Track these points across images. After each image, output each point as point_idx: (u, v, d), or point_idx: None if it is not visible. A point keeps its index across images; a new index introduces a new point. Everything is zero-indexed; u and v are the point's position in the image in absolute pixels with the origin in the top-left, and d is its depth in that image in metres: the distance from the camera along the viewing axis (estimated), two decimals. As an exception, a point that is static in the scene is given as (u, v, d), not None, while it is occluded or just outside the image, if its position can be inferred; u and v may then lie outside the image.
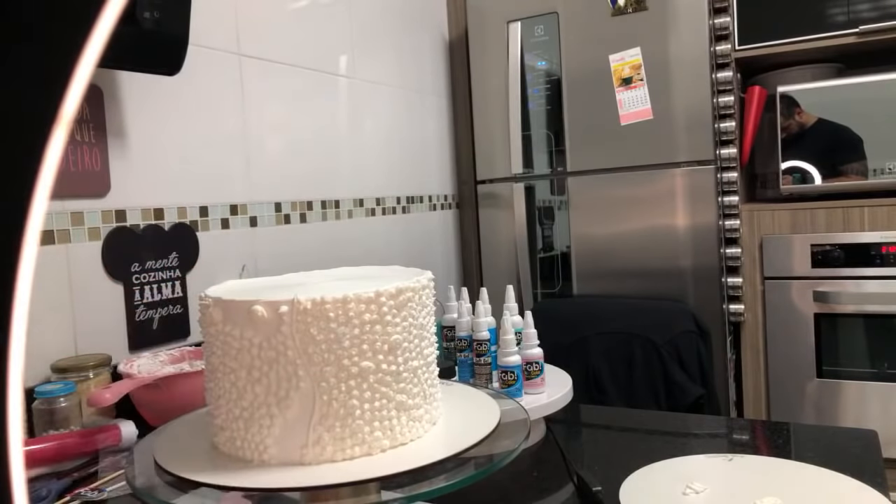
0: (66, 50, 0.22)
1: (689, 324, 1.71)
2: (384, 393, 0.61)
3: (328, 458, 0.60)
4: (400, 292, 0.62)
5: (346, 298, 0.59)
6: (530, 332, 1.03)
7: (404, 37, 2.05)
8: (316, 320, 0.58)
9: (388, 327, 0.61)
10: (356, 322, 0.59)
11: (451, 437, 0.65)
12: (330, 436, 0.59)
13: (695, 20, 1.81)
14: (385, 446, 0.62)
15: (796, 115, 1.86)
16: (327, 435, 0.59)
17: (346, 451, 0.60)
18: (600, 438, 1.11)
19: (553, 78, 2.01)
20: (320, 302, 0.58)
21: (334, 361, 0.59)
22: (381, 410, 0.61)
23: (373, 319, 0.60)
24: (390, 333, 0.61)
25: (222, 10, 1.42)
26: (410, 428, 0.64)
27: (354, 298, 0.59)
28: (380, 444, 0.61)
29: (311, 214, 1.65)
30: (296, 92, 1.62)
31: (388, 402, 0.62)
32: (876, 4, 1.79)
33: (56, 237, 1.10)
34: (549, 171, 2.04)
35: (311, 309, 0.58)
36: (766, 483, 0.80)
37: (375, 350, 0.60)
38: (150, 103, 1.26)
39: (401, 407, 0.62)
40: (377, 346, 0.60)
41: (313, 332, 0.58)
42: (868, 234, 1.76)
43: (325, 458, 0.60)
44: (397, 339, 0.62)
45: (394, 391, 0.62)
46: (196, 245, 1.33)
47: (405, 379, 0.63)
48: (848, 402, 1.81)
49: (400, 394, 0.62)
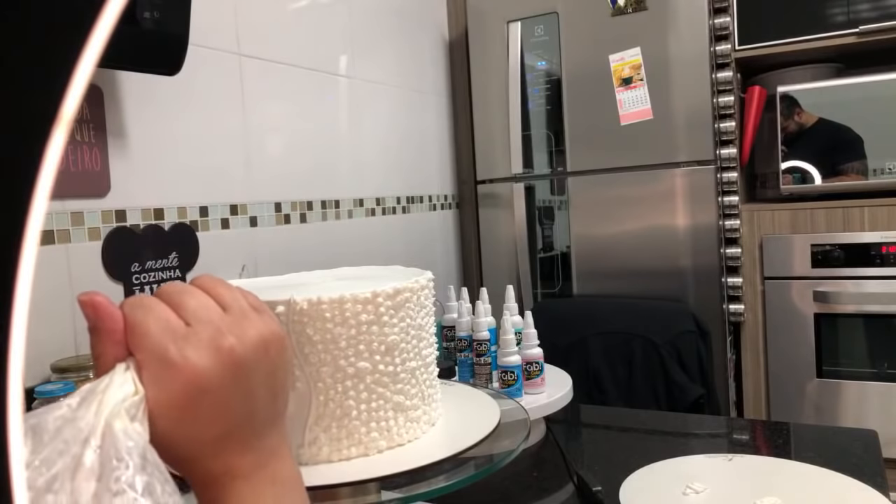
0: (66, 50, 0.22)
1: (689, 324, 1.71)
2: (381, 394, 0.61)
3: (324, 459, 0.59)
4: (397, 293, 0.62)
5: (343, 299, 0.58)
6: (530, 332, 1.03)
7: (404, 37, 2.05)
8: (312, 321, 0.58)
9: (386, 328, 0.61)
10: (353, 322, 0.59)
11: (450, 437, 0.65)
12: (326, 436, 0.59)
13: (695, 20, 1.81)
14: (382, 447, 0.61)
15: (796, 115, 1.86)
16: (324, 436, 0.59)
17: (342, 452, 0.60)
18: (600, 438, 1.11)
19: (553, 78, 2.01)
20: (317, 302, 0.58)
21: (331, 362, 0.58)
22: (378, 411, 0.61)
23: (369, 320, 0.60)
24: (387, 334, 0.61)
25: (222, 10, 1.42)
26: (408, 429, 0.63)
27: (351, 299, 0.58)
28: (377, 444, 0.61)
29: (311, 214, 1.65)
30: (296, 92, 1.62)
31: (386, 403, 0.61)
32: (876, 4, 1.79)
33: (56, 237, 1.10)
34: (549, 171, 2.04)
35: (307, 309, 0.57)
36: (766, 483, 0.80)
37: (372, 351, 0.60)
38: (150, 103, 1.26)
39: (398, 408, 0.62)
40: (374, 347, 0.60)
41: (309, 333, 0.58)
42: (868, 234, 1.76)
43: (321, 458, 0.59)
44: (394, 340, 0.61)
45: (391, 392, 0.61)
46: (196, 245, 1.33)
47: (403, 380, 0.62)
48: (848, 402, 1.81)
49: (397, 395, 0.62)
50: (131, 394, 0.33)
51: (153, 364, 0.35)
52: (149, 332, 0.35)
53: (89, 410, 0.32)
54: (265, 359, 0.38)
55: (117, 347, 0.35)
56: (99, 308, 0.35)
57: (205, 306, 0.37)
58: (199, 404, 0.35)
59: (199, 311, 0.37)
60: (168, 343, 0.35)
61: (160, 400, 0.34)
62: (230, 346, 0.36)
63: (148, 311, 0.36)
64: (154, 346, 0.35)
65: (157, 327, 0.35)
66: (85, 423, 0.31)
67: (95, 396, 0.32)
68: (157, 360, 0.35)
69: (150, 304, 0.37)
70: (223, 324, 0.37)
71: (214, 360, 0.36)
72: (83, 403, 0.32)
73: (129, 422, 0.32)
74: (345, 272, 0.76)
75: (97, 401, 0.32)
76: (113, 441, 0.31)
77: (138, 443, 0.31)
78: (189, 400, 0.35)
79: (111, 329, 0.35)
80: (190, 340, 0.36)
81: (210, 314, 0.37)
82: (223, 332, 0.37)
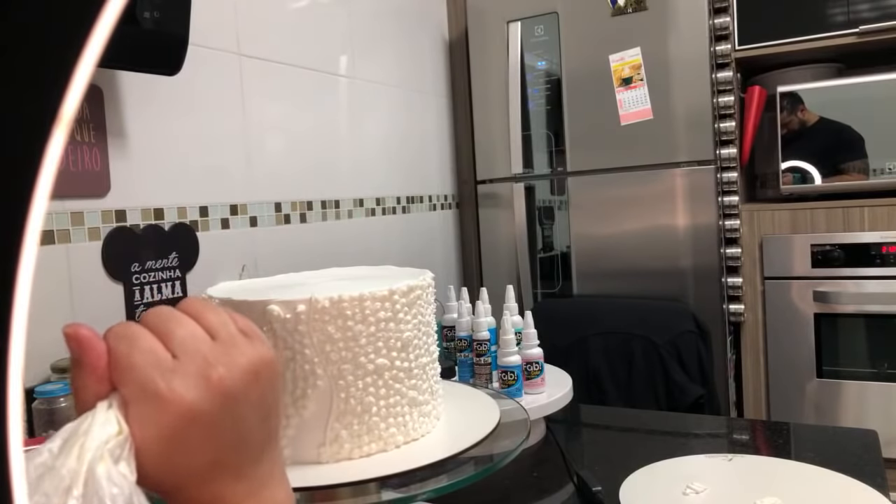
0: (66, 50, 0.22)
1: (689, 324, 1.71)
2: (398, 389, 0.62)
3: (346, 456, 0.60)
4: (411, 290, 0.63)
5: (363, 296, 0.59)
6: (530, 332, 1.03)
7: (404, 37, 2.05)
8: (333, 318, 0.58)
9: (401, 325, 0.62)
10: (372, 320, 0.60)
11: (450, 437, 0.65)
12: (348, 433, 0.60)
13: (695, 20, 1.81)
14: (399, 442, 0.63)
15: (799, 111, 1.86)
16: (345, 432, 0.60)
17: (363, 448, 0.61)
18: (600, 438, 1.11)
19: (553, 78, 2.01)
20: (338, 300, 0.58)
21: (351, 359, 0.59)
22: (395, 406, 0.62)
23: (387, 317, 0.61)
24: (402, 331, 0.62)
25: (222, 10, 1.42)
26: (421, 423, 0.65)
27: (370, 296, 0.59)
28: (394, 439, 0.62)
29: (311, 214, 1.65)
30: (296, 92, 1.62)
31: (402, 399, 0.62)
32: (876, 4, 1.79)
33: (56, 237, 1.10)
34: (549, 171, 2.04)
35: (328, 307, 0.58)
36: (766, 483, 0.80)
37: (389, 347, 0.61)
38: (150, 103, 1.26)
39: (412, 402, 0.64)
40: (391, 344, 0.61)
41: (331, 331, 0.58)
42: (868, 234, 1.76)
43: (342, 455, 0.60)
44: (409, 336, 0.63)
45: (406, 387, 0.63)
46: (196, 245, 1.33)
47: (416, 375, 0.64)
48: (848, 402, 1.81)
49: (412, 390, 0.63)
50: (115, 434, 0.32)
51: (140, 398, 0.34)
52: (134, 365, 0.34)
53: (70, 456, 0.31)
54: (255, 386, 0.37)
55: (99, 383, 0.34)
56: (83, 341, 0.35)
57: (192, 335, 0.37)
58: (187, 435, 0.35)
59: (187, 342, 0.36)
60: (155, 376, 0.34)
61: (147, 435, 0.34)
62: (219, 376, 0.36)
63: (133, 344, 0.35)
64: (140, 380, 0.34)
65: (143, 360, 0.35)
66: (66, 470, 0.30)
67: (77, 440, 0.32)
68: (143, 393, 0.34)
69: (136, 334, 0.36)
70: (212, 354, 0.36)
71: (203, 391, 0.35)
72: (64, 448, 0.31)
73: (113, 464, 0.31)
74: (336, 272, 0.76)
75: (79, 444, 0.31)
76: (96, 489, 0.30)
77: (123, 489, 0.31)
78: (177, 432, 0.34)
79: (94, 364, 0.34)
80: (178, 372, 0.35)
81: (198, 344, 0.36)
82: (211, 363, 0.36)
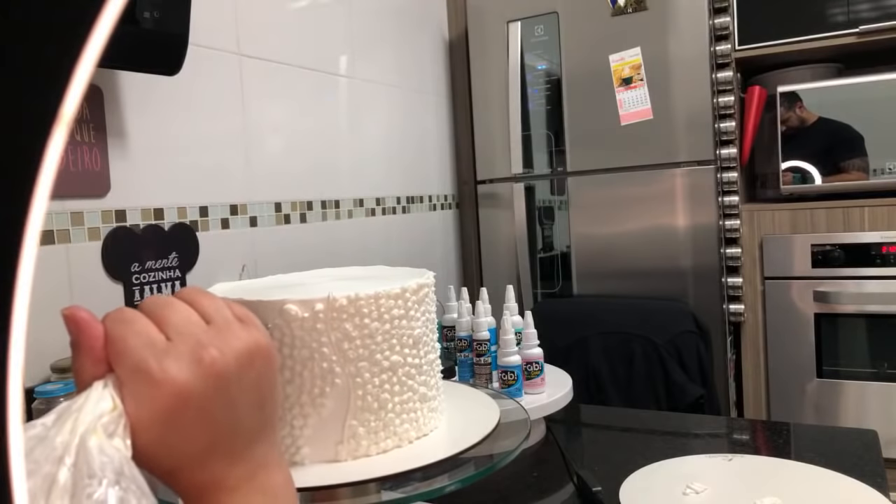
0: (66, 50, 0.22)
1: (689, 324, 1.71)
2: (410, 385, 0.63)
3: (363, 453, 0.61)
4: (420, 288, 0.64)
5: (378, 294, 0.60)
6: (530, 332, 1.03)
7: (404, 37, 2.05)
8: (351, 316, 0.59)
9: (413, 322, 0.63)
10: (387, 317, 0.61)
11: (450, 437, 0.65)
12: (365, 430, 0.61)
13: (695, 20, 1.81)
14: (412, 437, 0.64)
15: (797, 109, 1.86)
16: (362, 429, 0.61)
17: (379, 445, 0.61)
18: (600, 438, 1.11)
19: (553, 78, 2.01)
20: (355, 298, 0.59)
21: (368, 357, 0.60)
22: (408, 402, 0.63)
23: (400, 314, 0.62)
24: (413, 328, 0.63)
25: (222, 10, 1.42)
26: (430, 418, 0.66)
27: (385, 294, 0.61)
28: (408, 435, 0.63)
29: (311, 214, 1.65)
30: (296, 92, 1.62)
31: (414, 395, 0.64)
32: (876, 4, 1.79)
33: (56, 237, 1.10)
34: (549, 171, 2.04)
35: (346, 305, 0.59)
36: (766, 483, 0.80)
37: (403, 344, 0.62)
38: (150, 103, 1.26)
39: (423, 398, 0.65)
40: (404, 340, 0.62)
41: (348, 328, 0.59)
42: (868, 234, 1.76)
43: (360, 452, 0.61)
44: (419, 333, 0.64)
45: (417, 383, 0.64)
46: (196, 245, 1.33)
47: (426, 371, 0.65)
48: (848, 402, 1.81)
49: (422, 386, 0.65)
50: (109, 410, 0.33)
51: (133, 378, 0.34)
52: (128, 346, 0.35)
53: (64, 428, 0.31)
54: (250, 370, 0.38)
55: (96, 364, 0.35)
56: (80, 323, 0.35)
57: (187, 319, 0.37)
58: (181, 417, 0.35)
59: (181, 325, 0.37)
60: (148, 357, 0.35)
61: (142, 415, 0.34)
62: (212, 358, 0.36)
63: (128, 326, 0.36)
64: (134, 361, 0.35)
65: (138, 342, 0.35)
66: (59, 441, 0.31)
67: (71, 415, 0.32)
68: (137, 374, 0.34)
69: (132, 318, 0.36)
70: (205, 336, 0.37)
71: (195, 372, 0.35)
72: (58, 422, 0.32)
73: (107, 438, 0.32)
74: (330, 272, 0.76)
75: (72, 419, 0.32)
76: (86, 458, 0.30)
77: (113, 458, 0.31)
78: (171, 413, 0.35)
79: (90, 346, 0.35)
80: (170, 353, 0.35)
81: (192, 327, 0.37)
82: (204, 344, 0.36)
